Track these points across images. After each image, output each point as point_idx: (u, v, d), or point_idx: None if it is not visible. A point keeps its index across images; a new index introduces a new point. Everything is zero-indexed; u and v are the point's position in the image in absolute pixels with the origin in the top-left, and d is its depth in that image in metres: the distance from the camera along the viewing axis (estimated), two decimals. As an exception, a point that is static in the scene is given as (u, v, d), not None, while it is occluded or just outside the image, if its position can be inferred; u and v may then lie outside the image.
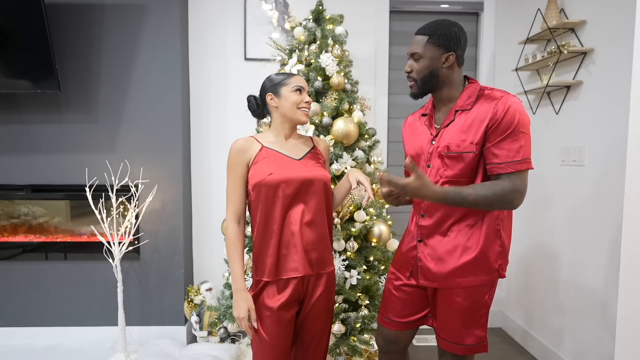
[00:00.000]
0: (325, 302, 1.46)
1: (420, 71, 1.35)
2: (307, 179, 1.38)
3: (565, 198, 2.22)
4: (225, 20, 2.76)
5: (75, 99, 2.53)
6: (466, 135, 1.30)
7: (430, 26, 1.33)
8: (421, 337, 2.70)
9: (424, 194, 1.24)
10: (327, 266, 1.44)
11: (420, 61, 1.35)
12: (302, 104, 1.43)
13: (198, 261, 2.84)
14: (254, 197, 1.38)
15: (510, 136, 1.24)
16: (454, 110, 1.35)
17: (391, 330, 1.50)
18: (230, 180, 1.42)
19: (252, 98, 1.52)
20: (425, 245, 1.40)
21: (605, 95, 1.93)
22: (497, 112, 1.25)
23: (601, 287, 1.96)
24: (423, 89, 1.38)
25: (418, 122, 1.50)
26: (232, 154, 1.42)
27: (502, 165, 1.26)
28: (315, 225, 1.40)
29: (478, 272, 1.34)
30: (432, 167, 1.37)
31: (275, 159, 1.40)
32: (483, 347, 1.39)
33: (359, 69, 2.78)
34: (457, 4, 2.86)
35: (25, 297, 2.62)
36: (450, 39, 1.32)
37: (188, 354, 2.33)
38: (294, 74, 1.47)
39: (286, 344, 1.41)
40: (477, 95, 1.34)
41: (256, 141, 1.43)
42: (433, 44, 1.32)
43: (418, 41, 1.34)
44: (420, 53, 1.34)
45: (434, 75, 1.35)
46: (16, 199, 2.58)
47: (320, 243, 1.42)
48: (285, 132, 1.47)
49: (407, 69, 1.39)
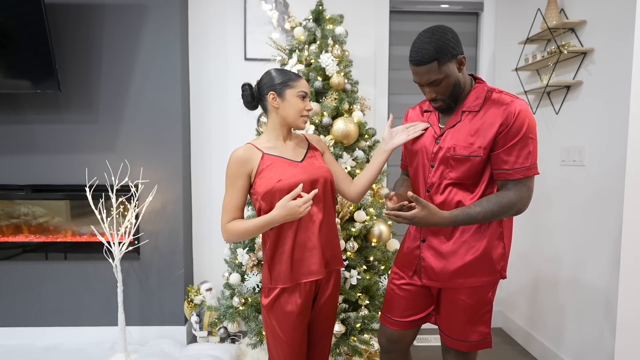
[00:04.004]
0: (333, 301, 1.47)
1: (446, 91, 1.30)
2: (314, 179, 1.37)
3: (565, 198, 2.22)
4: (225, 20, 2.76)
5: (75, 99, 2.53)
6: (474, 138, 1.29)
7: (431, 49, 1.24)
8: (422, 337, 2.69)
9: (433, 221, 1.26)
10: (339, 263, 1.45)
11: (441, 84, 1.29)
12: (305, 112, 1.41)
13: (198, 261, 2.84)
14: (265, 206, 1.35)
15: (520, 142, 1.25)
16: (461, 111, 1.34)
17: (394, 329, 1.50)
18: (229, 191, 1.37)
19: (248, 87, 1.45)
20: (429, 245, 1.40)
21: (605, 95, 1.93)
22: (507, 117, 1.25)
23: (601, 287, 1.96)
24: (454, 101, 1.34)
25: (420, 118, 1.48)
26: (232, 165, 1.36)
27: (510, 171, 1.27)
28: (328, 224, 1.40)
29: (481, 273, 1.35)
30: (436, 167, 1.36)
31: (279, 164, 1.37)
32: (487, 343, 1.41)
33: (359, 69, 2.78)
34: (457, 4, 2.86)
35: (25, 297, 2.62)
36: (453, 46, 1.27)
37: (188, 354, 2.33)
38: (300, 77, 1.42)
39: (304, 344, 1.41)
40: (484, 96, 1.32)
41: (256, 149, 1.39)
42: (445, 63, 1.26)
43: (428, 70, 1.26)
44: (439, 78, 1.27)
45: (457, 85, 1.31)
46: (16, 199, 2.58)
47: (334, 240, 1.43)
48: (283, 134, 1.44)
49: (431, 95, 1.32)
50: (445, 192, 1.35)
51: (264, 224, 1.32)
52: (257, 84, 1.46)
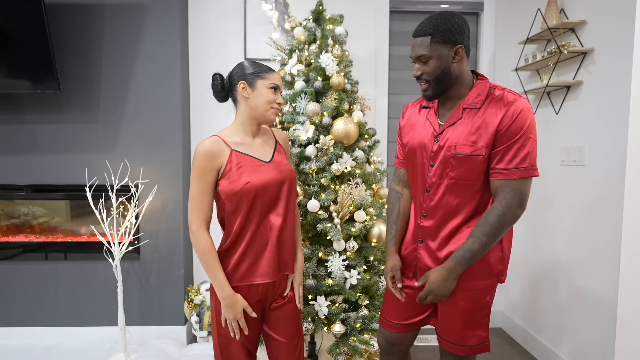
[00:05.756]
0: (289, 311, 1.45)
1: (432, 72, 1.27)
2: (280, 180, 1.36)
3: (565, 198, 2.22)
4: (225, 20, 2.76)
5: (75, 99, 2.53)
6: (475, 137, 1.26)
7: (430, 24, 1.24)
8: (421, 337, 2.69)
9: (444, 278, 1.28)
10: (290, 269, 1.44)
11: (429, 63, 1.26)
12: (275, 104, 1.38)
13: (198, 261, 2.84)
14: (229, 206, 1.33)
15: (518, 141, 1.22)
16: (462, 108, 1.30)
17: (393, 332, 1.48)
18: (197, 186, 1.31)
19: (219, 77, 1.40)
20: (426, 247, 1.38)
21: (605, 95, 1.93)
22: (507, 115, 1.22)
23: (601, 287, 1.96)
24: (439, 90, 1.30)
25: (419, 113, 1.44)
26: (200, 159, 1.30)
27: (505, 171, 1.23)
28: (288, 225, 1.39)
29: (478, 277, 1.32)
30: (436, 166, 1.32)
31: (247, 164, 1.33)
32: (485, 347, 1.38)
33: (359, 69, 2.78)
34: (457, 4, 2.86)
35: (25, 297, 2.62)
36: (454, 32, 1.23)
37: (188, 354, 2.33)
38: (273, 70, 1.39)
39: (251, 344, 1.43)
40: (486, 93, 1.28)
41: (224, 143, 1.34)
42: (438, 42, 1.23)
43: (420, 43, 1.25)
44: (427, 54, 1.25)
45: (447, 73, 1.27)
46: (16, 199, 2.58)
47: (290, 244, 1.41)
48: (253, 130, 1.40)
49: (416, 72, 1.30)
50: (445, 192, 1.32)
51: (214, 280, 1.32)
52: (228, 74, 1.43)
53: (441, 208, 1.33)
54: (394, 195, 1.53)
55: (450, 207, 1.32)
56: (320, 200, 2.02)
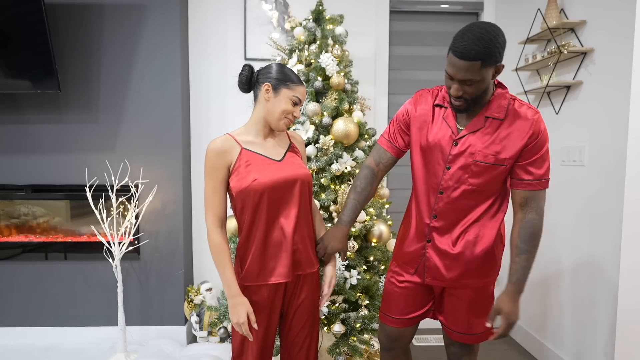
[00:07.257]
0: (307, 308, 1.44)
1: (474, 93, 1.25)
2: (291, 179, 1.34)
3: (565, 198, 2.22)
4: (225, 20, 2.76)
5: (75, 99, 2.53)
6: (499, 147, 1.28)
7: (481, 47, 1.16)
8: (421, 338, 2.69)
9: (517, 305, 1.33)
10: (313, 266, 1.43)
11: (474, 85, 1.22)
12: (290, 116, 1.38)
13: (198, 261, 2.84)
14: (239, 203, 1.33)
15: (543, 156, 1.29)
16: (484, 116, 1.30)
17: (394, 327, 1.50)
18: (210, 185, 1.33)
19: (248, 68, 1.40)
20: (435, 246, 1.39)
21: (605, 95, 1.93)
22: (534, 133, 1.27)
23: (601, 287, 1.96)
24: (473, 105, 1.29)
25: (433, 111, 1.39)
26: (211, 156, 1.32)
27: (533, 182, 1.30)
28: (301, 225, 1.38)
29: (486, 274, 1.39)
30: (453, 170, 1.32)
31: (257, 162, 1.33)
32: (489, 334, 1.42)
33: (359, 69, 2.78)
34: (457, 4, 2.86)
35: (25, 297, 2.61)
36: (499, 53, 1.19)
37: (188, 354, 2.33)
38: (302, 83, 1.40)
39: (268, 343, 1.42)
40: (507, 104, 1.30)
41: (235, 141, 1.35)
42: (488, 66, 1.19)
43: (469, 67, 1.18)
44: (477, 79, 1.21)
45: (486, 90, 1.27)
46: (16, 199, 2.58)
47: (307, 243, 1.40)
48: (264, 132, 1.41)
49: (457, 93, 1.25)
50: (461, 196, 1.33)
51: (222, 278, 1.33)
52: (258, 70, 1.43)
53: (454, 210, 1.35)
54: (370, 174, 1.51)
55: (464, 209, 1.35)
56: (320, 200, 2.02)
